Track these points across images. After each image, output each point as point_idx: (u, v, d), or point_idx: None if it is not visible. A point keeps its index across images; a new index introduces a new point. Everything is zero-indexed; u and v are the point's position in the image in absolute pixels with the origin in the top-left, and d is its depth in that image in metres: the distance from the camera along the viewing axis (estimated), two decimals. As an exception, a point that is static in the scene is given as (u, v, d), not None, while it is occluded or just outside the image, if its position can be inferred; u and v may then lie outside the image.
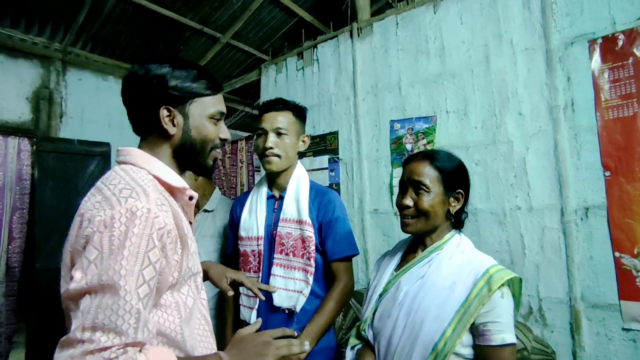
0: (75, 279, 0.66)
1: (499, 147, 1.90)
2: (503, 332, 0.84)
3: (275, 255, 1.31)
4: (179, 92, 0.86)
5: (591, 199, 1.64)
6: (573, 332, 1.64)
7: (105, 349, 0.61)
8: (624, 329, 1.55)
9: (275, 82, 2.99)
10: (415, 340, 0.87)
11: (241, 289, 1.35)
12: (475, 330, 0.86)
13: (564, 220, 1.69)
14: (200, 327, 0.86)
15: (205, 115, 0.89)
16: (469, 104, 2.01)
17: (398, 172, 2.24)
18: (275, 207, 1.39)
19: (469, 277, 0.89)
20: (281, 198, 1.39)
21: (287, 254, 1.31)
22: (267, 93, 3.05)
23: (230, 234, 1.52)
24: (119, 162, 0.85)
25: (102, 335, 0.62)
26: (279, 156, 1.33)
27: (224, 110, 0.94)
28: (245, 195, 1.51)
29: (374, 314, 1.01)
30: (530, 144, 1.81)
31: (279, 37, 3.39)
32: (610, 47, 1.64)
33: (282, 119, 1.35)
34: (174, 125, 0.86)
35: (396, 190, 2.26)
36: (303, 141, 1.42)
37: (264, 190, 1.43)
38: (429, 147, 2.12)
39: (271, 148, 1.32)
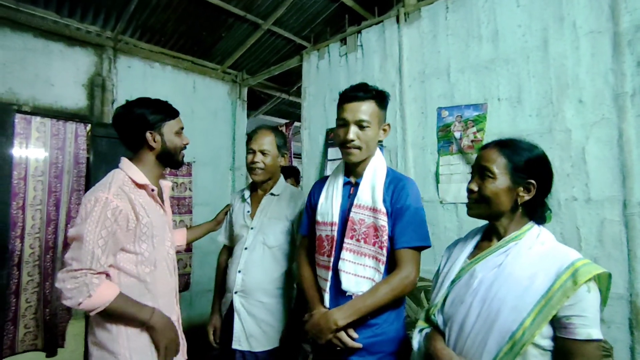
0: (70, 231, 1.19)
1: (555, 136, 1.83)
2: (589, 327, 0.82)
3: (346, 240, 1.31)
4: (155, 121, 1.34)
5: (659, 191, 1.56)
6: (632, 328, 1.58)
7: (75, 270, 1.14)
8: (688, 327, 1.49)
9: (318, 68, 2.99)
10: (490, 328, 0.87)
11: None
12: (557, 323, 0.85)
13: (627, 213, 1.62)
14: (163, 271, 1.34)
15: (172, 131, 1.39)
16: (523, 91, 1.94)
17: (445, 160, 2.21)
18: (351, 192, 1.38)
19: (551, 268, 0.87)
20: (357, 184, 1.37)
21: (358, 240, 1.29)
22: (309, 79, 3.06)
23: (306, 217, 1.54)
24: (118, 166, 1.35)
25: (75, 263, 1.15)
26: (359, 148, 1.31)
27: (182, 126, 1.44)
28: (323, 180, 1.51)
29: (444, 299, 1.02)
30: (590, 132, 1.73)
31: (319, 23, 3.36)
32: (687, 30, 1.53)
33: (365, 109, 1.29)
34: (155, 141, 1.35)
35: (441, 178, 2.24)
36: (384, 130, 1.37)
37: (341, 176, 1.42)
38: (478, 135, 2.07)
39: (352, 140, 1.30)
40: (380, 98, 1.34)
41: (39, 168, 2.52)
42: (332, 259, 1.33)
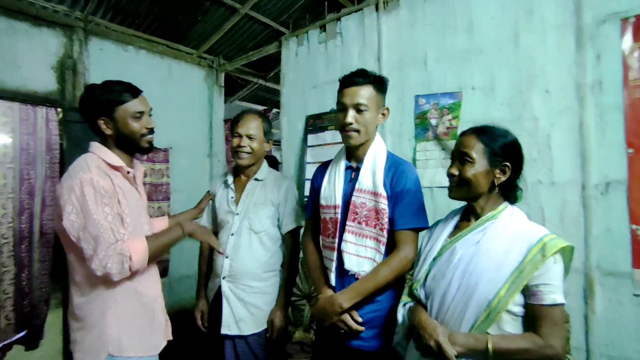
0: (68, 223, 1.16)
1: (523, 123, 1.95)
2: (554, 293, 0.94)
3: (348, 223, 1.37)
4: (105, 106, 1.27)
5: (612, 175, 1.71)
6: (586, 297, 1.76)
7: (103, 249, 1.13)
8: (635, 295, 1.67)
9: (297, 54, 3.00)
10: (469, 299, 0.97)
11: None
12: (527, 291, 0.96)
13: (585, 195, 1.77)
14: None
15: (128, 116, 1.29)
16: (495, 80, 2.05)
17: (421, 146, 2.31)
18: (352, 177, 1.44)
19: (523, 244, 0.98)
20: (358, 169, 1.42)
21: (359, 223, 1.35)
22: (288, 66, 3.07)
23: (310, 201, 1.60)
24: (89, 151, 1.31)
25: (98, 246, 1.13)
26: (358, 131, 1.36)
27: (143, 109, 1.33)
28: (326, 164, 1.56)
29: (426, 275, 1.11)
30: (555, 121, 1.87)
31: (298, 9, 3.34)
32: (641, 26, 1.67)
33: (363, 94, 1.35)
34: (108, 128, 1.29)
35: (418, 164, 2.34)
36: (383, 114, 1.43)
37: (343, 160, 1.47)
38: (454, 122, 2.17)
39: (350, 124, 1.35)
40: (379, 83, 1.40)
41: (9, 154, 2.41)
42: (336, 240, 1.40)
